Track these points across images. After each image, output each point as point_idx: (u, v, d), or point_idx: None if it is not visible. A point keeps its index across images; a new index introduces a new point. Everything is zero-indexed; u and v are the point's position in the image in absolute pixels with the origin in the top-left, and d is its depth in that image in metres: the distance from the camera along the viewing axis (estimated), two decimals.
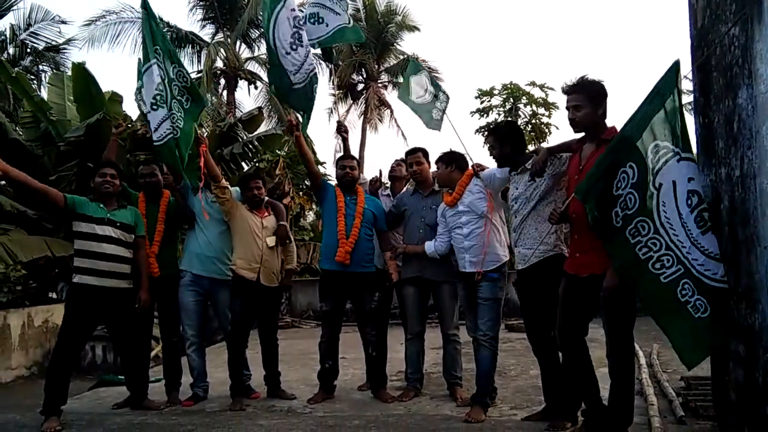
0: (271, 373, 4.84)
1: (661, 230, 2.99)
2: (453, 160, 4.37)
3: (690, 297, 2.94)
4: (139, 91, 4.94)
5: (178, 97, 4.43)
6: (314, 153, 14.08)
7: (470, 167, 4.32)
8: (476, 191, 4.19)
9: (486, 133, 4.72)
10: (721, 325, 2.97)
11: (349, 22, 5.05)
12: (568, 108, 3.33)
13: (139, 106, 4.92)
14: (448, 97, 5.37)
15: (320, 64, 23.48)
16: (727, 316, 3.01)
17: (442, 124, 5.39)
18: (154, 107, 4.33)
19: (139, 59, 5.04)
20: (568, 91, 3.32)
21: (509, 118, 17.54)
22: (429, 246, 4.42)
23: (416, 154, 4.68)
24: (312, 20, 4.94)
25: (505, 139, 3.89)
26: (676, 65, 3.04)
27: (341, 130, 5.23)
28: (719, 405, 3.54)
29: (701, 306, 2.93)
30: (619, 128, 3.21)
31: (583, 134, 3.41)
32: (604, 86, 3.33)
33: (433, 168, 4.66)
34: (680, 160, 2.97)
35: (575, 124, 3.32)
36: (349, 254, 4.50)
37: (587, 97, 3.25)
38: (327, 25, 4.95)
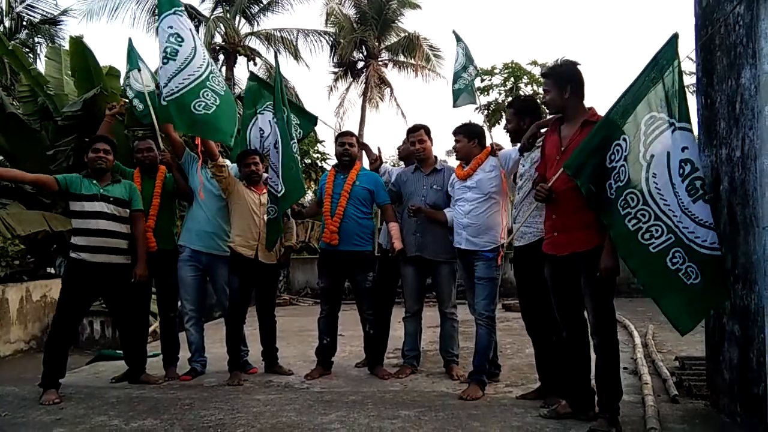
0: (268, 349, 4.87)
1: (650, 201, 3.01)
2: (476, 134, 4.26)
3: (681, 264, 2.96)
4: (128, 75, 4.92)
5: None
6: (315, 132, 13.97)
7: (489, 145, 4.24)
8: (489, 169, 4.13)
9: (507, 105, 4.59)
10: (716, 290, 3.00)
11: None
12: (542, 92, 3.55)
13: (125, 91, 4.86)
14: (477, 73, 4.87)
15: (321, 39, 23.37)
16: (723, 281, 3.03)
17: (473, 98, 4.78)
18: (165, 61, 4.34)
19: (130, 38, 5.04)
20: (541, 75, 3.57)
21: (524, 95, 17.39)
22: (449, 213, 4.37)
23: (419, 132, 4.63)
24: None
25: (525, 113, 3.87)
26: (674, 37, 3.04)
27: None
28: (713, 385, 3.57)
29: (692, 273, 2.95)
30: (598, 110, 3.29)
31: (557, 115, 3.48)
32: (571, 69, 3.36)
33: (431, 143, 4.66)
34: (675, 131, 2.97)
35: (547, 107, 3.52)
36: (335, 233, 4.50)
37: (553, 81, 3.38)
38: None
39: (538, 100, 4.12)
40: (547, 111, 3.60)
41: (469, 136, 4.23)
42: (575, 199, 3.19)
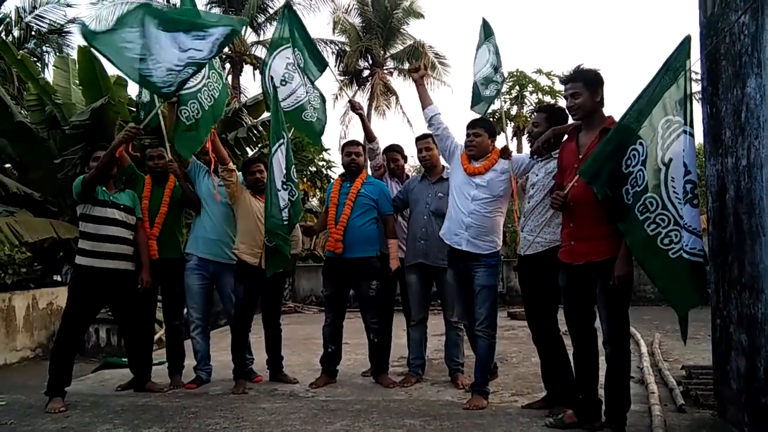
0: (273, 358, 4.87)
1: (669, 205, 3.00)
2: (495, 132, 4.20)
3: (686, 270, 2.95)
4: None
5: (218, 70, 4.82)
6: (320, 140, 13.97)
7: (503, 147, 4.14)
8: (500, 171, 4.04)
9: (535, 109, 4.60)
10: (688, 295, 2.99)
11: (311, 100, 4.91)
12: (566, 96, 3.40)
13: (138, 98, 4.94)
14: (504, 78, 4.69)
15: (327, 48, 23.48)
16: (700, 287, 3.01)
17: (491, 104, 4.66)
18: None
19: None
20: (566, 80, 3.41)
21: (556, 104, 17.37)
22: (433, 108, 4.28)
23: (426, 140, 4.63)
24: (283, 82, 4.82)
25: (553, 120, 3.77)
26: (687, 40, 3.03)
27: (356, 108, 5.17)
28: (720, 394, 3.55)
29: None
30: (617, 117, 3.24)
31: (580, 121, 3.41)
32: (599, 74, 3.34)
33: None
34: (687, 134, 2.96)
35: (574, 111, 3.37)
36: (339, 242, 4.51)
37: (584, 84, 3.30)
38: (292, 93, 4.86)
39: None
40: (572, 117, 3.47)
41: (489, 133, 4.14)
42: (593, 208, 3.17)
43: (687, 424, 3.48)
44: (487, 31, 4.54)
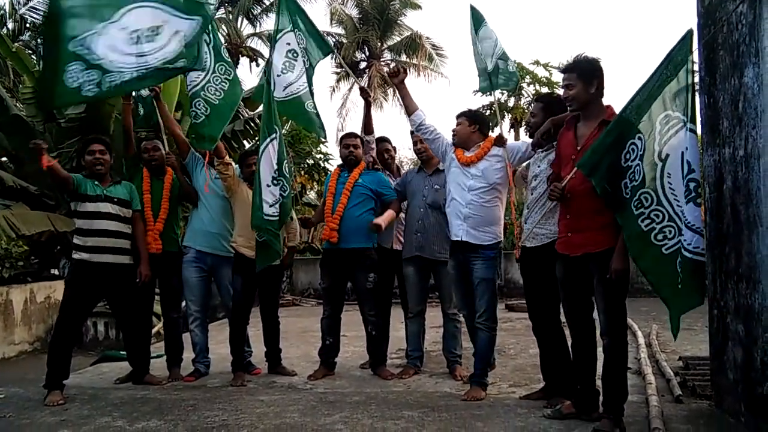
0: (272, 350, 4.87)
1: (664, 201, 2.99)
2: (477, 120, 4.17)
3: (680, 268, 2.95)
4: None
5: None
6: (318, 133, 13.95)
7: (497, 135, 4.13)
8: (494, 159, 4.02)
9: (534, 99, 4.58)
10: (688, 295, 2.98)
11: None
12: (562, 87, 3.39)
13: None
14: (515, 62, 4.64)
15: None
16: (698, 286, 3.01)
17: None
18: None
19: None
20: (563, 71, 3.41)
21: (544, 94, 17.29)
22: (419, 114, 4.24)
23: None
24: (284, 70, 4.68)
25: (551, 110, 3.73)
26: (689, 34, 3.01)
27: (367, 93, 5.08)
28: (717, 385, 3.56)
29: (680, 276, 2.95)
30: (617, 108, 3.22)
31: (577, 112, 3.39)
32: (597, 64, 3.31)
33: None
34: (686, 131, 2.95)
35: (569, 103, 3.36)
36: (335, 231, 4.50)
37: (578, 75, 3.28)
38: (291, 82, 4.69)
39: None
40: (568, 108, 3.45)
41: (470, 120, 4.14)
42: (591, 199, 3.16)
43: (684, 414, 3.50)
44: (477, 18, 4.51)
